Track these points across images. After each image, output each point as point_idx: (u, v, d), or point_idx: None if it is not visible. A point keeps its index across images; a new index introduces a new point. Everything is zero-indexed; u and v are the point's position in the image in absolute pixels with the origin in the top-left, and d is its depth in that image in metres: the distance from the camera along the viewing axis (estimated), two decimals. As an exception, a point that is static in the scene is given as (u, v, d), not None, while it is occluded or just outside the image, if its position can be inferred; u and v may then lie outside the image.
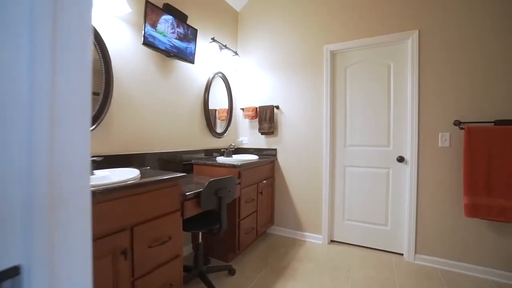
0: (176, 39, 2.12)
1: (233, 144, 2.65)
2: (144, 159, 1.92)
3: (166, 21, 2.01)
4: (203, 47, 2.56)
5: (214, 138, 2.76)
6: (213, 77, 2.67)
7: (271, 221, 2.83)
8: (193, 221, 1.81)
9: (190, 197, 1.55)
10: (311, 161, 2.69)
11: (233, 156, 2.72)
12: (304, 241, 2.68)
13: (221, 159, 2.37)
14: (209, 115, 2.62)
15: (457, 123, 2.04)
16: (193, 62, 2.33)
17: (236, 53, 2.96)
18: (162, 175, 1.44)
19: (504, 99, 1.93)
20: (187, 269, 1.91)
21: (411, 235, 2.23)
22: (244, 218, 2.24)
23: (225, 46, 2.75)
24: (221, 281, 1.92)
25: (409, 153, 2.24)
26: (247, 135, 3.09)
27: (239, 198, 2.16)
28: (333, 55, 2.59)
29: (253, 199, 2.39)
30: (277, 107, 2.86)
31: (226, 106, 2.95)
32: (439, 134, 2.12)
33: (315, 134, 2.66)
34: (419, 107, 2.19)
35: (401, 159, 2.29)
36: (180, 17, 2.15)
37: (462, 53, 2.05)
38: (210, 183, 1.63)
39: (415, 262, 2.22)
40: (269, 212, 2.78)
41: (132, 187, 1.18)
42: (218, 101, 2.81)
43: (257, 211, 2.47)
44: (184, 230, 1.65)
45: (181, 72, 2.31)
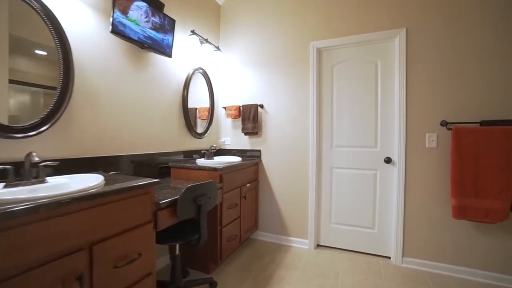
0: (151, 29, 1.91)
1: (214, 145, 2.48)
2: (114, 162, 1.70)
3: (139, 8, 1.80)
4: (182, 40, 2.37)
5: (194, 138, 2.57)
6: (193, 73, 2.48)
7: (255, 226, 2.69)
8: (169, 231, 1.62)
9: (164, 206, 1.37)
10: (297, 163, 2.58)
11: (215, 158, 2.55)
12: (290, 247, 2.57)
13: (201, 162, 2.19)
14: (188, 114, 2.43)
15: (444, 124, 2.01)
16: (170, 55, 2.14)
17: (218, 48, 2.79)
18: (132, 181, 1.25)
19: (489, 99, 1.92)
20: (163, 285, 1.72)
21: (399, 238, 2.18)
22: (226, 225, 2.08)
23: (206, 40, 2.57)
24: (201, 296, 1.75)
25: (397, 154, 2.19)
26: (230, 135, 2.92)
27: (221, 204, 1.99)
28: (319, 52, 2.50)
29: (236, 204, 2.23)
30: (261, 106, 2.72)
31: (207, 104, 2.77)
32: (427, 134, 2.08)
33: (301, 134, 2.55)
34: (406, 106, 2.14)
35: (388, 160, 2.24)
36: (155, 5, 1.95)
37: (449, 53, 2.02)
38: (187, 189, 1.45)
39: (403, 265, 2.17)
40: (253, 217, 2.63)
41: (91, 197, 0.98)
42: (198, 99, 2.63)
43: (240, 216, 2.31)
44: (158, 243, 1.46)
45: (157, 66, 2.10)
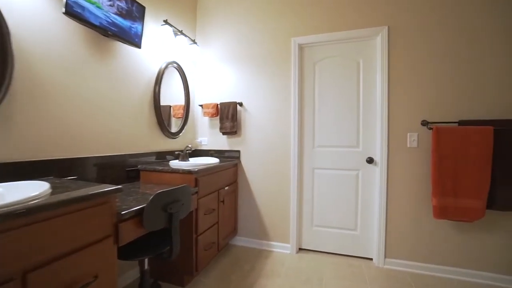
0: (116, 14, 1.69)
1: (190, 145, 2.30)
2: (72, 166, 1.46)
3: (100, -10, 1.58)
4: (153, 30, 2.15)
5: (167, 138, 2.36)
6: (166, 67, 2.27)
7: (234, 231, 2.53)
8: (136, 244, 1.42)
9: (128, 216, 1.18)
10: (278, 164, 2.46)
11: (190, 159, 2.36)
12: (271, 252, 2.45)
13: (175, 164, 2.00)
14: (160, 112, 2.22)
15: (425, 123, 2.00)
16: (139, 46, 1.93)
17: (194, 42, 2.60)
18: (87, 188, 1.05)
19: (467, 99, 1.93)
20: (129, 304, 1.52)
21: (381, 239, 2.15)
22: (202, 232, 1.91)
23: (181, 32, 2.38)
24: (173, 314, 1.57)
25: (379, 154, 2.15)
26: (207, 135, 2.74)
27: (196, 210, 1.82)
28: (301, 48, 2.40)
29: (214, 209, 2.07)
30: (241, 104, 2.58)
31: (182, 102, 2.57)
32: (408, 134, 2.06)
33: (282, 134, 2.44)
34: (388, 106, 2.11)
35: (370, 160, 2.20)
36: (120, -12, 1.73)
37: (429, 53, 2.01)
38: (156, 196, 1.27)
39: (385, 266, 2.14)
40: (232, 221, 2.48)
41: (26, 212, 0.78)
42: (173, 96, 2.42)
43: (218, 222, 2.15)
44: (122, 258, 1.27)
45: (124, 57, 1.88)
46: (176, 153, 2.25)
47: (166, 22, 2.19)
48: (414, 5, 2.04)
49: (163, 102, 2.28)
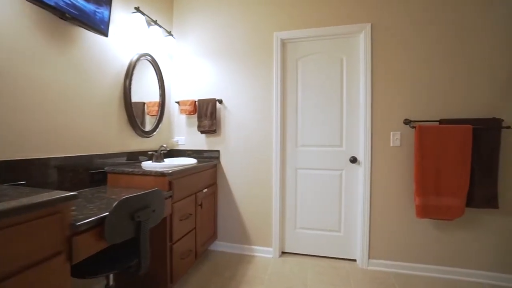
0: (76, -4, 1.49)
1: (165, 145, 2.12)
2: (20, 169, 1.24)
3: (56, -34, 1.37)
4: (123, 18, 1.95)
5: (140, 138, 2.17)
6: (138, 60, 2.07)
7: (214, 236, 2.38)
8: (99, 257, 1.24)
9: (86, 228, 1.00)
10: (259, 163, 2.35)
11: (166, 160, 2.18)
12: (253, 257, 2.33)
13: (147, 165, 1.82)
14: (132, 108, 2.02)
15: (408, 122, 1.98)
16: (106, 34, 1.72)
17: (170, 34, 2.42)
18: (32, 196, 0.87)
19: (448, 99, 1.94)
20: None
21: (365, 240, 2.11)
22: (178, 240, 1.74)
23: (155, 22, 2.19)
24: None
25: (362, 153, 2.11)
26: (184, 134, 2.57)
27: (171, 215, 1.65)
28: (283, 44, 2.31)
29: (191, 214, 1.91)
30: (220, 101, 2.43)
31: (157, 98, 2.38)
32: (391, 133, 2.04)
33: (264, 132, 2.33)
34: (372, 104, 2.08)
35: (354, 160, 2.15)
36: (82, -34, 1.53)
37: (411, 52, 2.00)
38: (121, 203, 1.10)
39: (369, 268, 2.10)
40: (211, 226, 2.33)
41: None
42: (147, 92, 2.23)
43: (196, 228, 1.99)
44: (79, 277, 1.08)
45: (88, 45, 1.67)
46: (149, 153, 2.06)
47: (137, 9, 1.99)
48: (398, 3, 2.02)
49: (136, 98, 2.08)
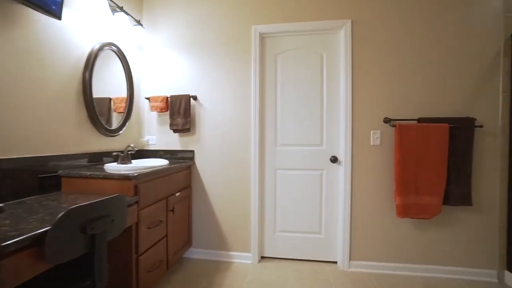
0: (18, -31, 1.26)
1: (132, 145, 1.91)
2: None
3: None
4: (81, 1, 1.73)
5: (104, 137, 1.94)
6: (101, 49, 1.85)
7: (188, 243, 2.21)
8: (46, 277, 1.03)
9: (18, 247, 0.80)
10: (237, 164, 2.22)
11: (134, 161, 1.98)
12: (230, 263, 2.19)
13: (110, 167, 1.61)
14: (93, 104, 1.79)
15: (387, 120, 1.96)
16: (59, 16, 1.50)
17: (139, 23, 2.20)
18: None
19: (426, 97, 1.95)
20: None
21: (346, 242, 2.05)
22: (146, 251, 1.56)
23: (121, 8, 1.98)
24: None
25: (343, 152, 2.05)
26: (155, 133, 2.36)
27: (136, 224, 1.47)
28: (262, 38, 2.20)
29: (161, 221, 1.73)
30: (195, 98, 2.26)
31: (125, 94, 2.16)
32: (371, 131, 2.01)
33: (241, 131, 2.20)
34: (352, 102, 2.03)
35: (334, 160, 2.09)
36: None
37: (390, 50, 1.98)
38: (67, 214, 0.91)
39: (350, 269, 2.05)
40: (185, 232, 2.15)
41: None
42: (113, 87, 2.00)
43: (167, 235, 1.82)
44: (13, 305, 0.88)
45: (36, 28, 1.43)
46: (114, 154, 1.85)
47: (99, -7, 1.77)
48: (379, 1, 1.99)
49: (100, 93, 1.85)
